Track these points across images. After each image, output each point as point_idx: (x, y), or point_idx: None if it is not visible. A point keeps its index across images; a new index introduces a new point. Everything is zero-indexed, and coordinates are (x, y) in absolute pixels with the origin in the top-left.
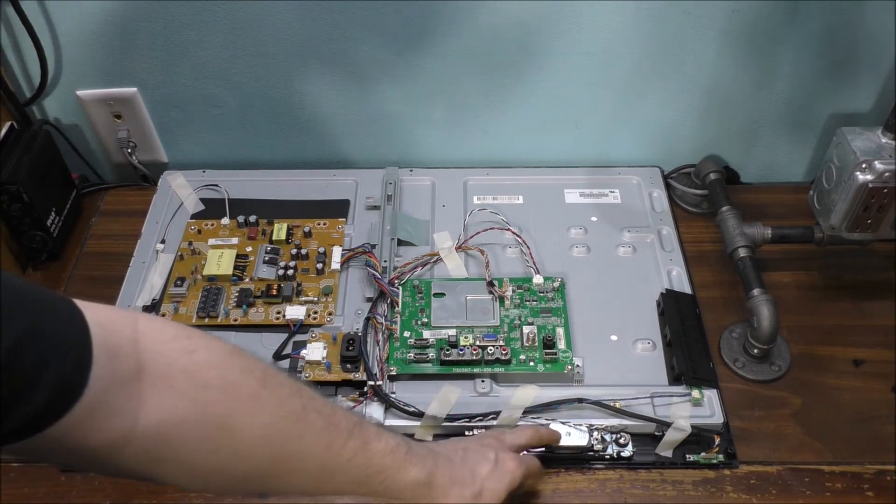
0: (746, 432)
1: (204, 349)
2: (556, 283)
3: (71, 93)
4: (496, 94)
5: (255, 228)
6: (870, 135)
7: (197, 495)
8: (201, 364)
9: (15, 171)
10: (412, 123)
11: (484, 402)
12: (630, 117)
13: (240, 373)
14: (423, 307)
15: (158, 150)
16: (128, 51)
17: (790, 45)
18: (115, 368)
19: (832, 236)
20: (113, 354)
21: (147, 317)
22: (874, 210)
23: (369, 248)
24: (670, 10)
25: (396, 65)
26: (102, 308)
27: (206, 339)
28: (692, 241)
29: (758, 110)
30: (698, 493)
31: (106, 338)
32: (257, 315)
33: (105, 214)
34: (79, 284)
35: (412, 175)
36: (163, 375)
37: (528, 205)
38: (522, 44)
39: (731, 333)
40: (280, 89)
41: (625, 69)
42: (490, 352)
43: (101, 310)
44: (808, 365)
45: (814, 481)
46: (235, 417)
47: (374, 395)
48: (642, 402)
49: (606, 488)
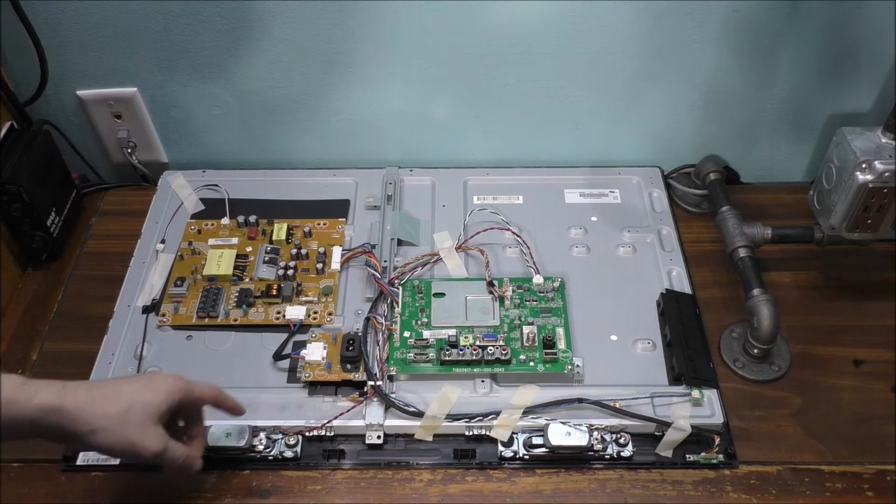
0: (746, 432)
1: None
2: (555, 283)
3: (71, 93)
4: (496, 94)
5: (255, 228)
6: (870, 135)
7: (197, 495)
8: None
9: (15, 171)
10: (412, 123)
11: (484, 402)
12: (630, 117)
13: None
14: (423, 307)
15: (158, 150)
16: (128, 51)
17: (790, 45)
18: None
19: (832, 236)
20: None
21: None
22: (874, 210)
23: (369, 248)
24: (670, 10)
25: (396, 65)
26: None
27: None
28: (692, 241)
29: (758, 110)
30: (698, 493)
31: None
32: (257, 315)
33: (105, 214)
34: (79, 284)
35: (412, 175)
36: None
37: (528, 205)
38: (522, 44)
39: (731, 333)
40: (280, 89)
41: (625, 69)
42: (490, 352)
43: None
44: (808, 365)
45: (814, 481)
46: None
47: (374, 395)
48: (642, 402)
49: (606, 488)
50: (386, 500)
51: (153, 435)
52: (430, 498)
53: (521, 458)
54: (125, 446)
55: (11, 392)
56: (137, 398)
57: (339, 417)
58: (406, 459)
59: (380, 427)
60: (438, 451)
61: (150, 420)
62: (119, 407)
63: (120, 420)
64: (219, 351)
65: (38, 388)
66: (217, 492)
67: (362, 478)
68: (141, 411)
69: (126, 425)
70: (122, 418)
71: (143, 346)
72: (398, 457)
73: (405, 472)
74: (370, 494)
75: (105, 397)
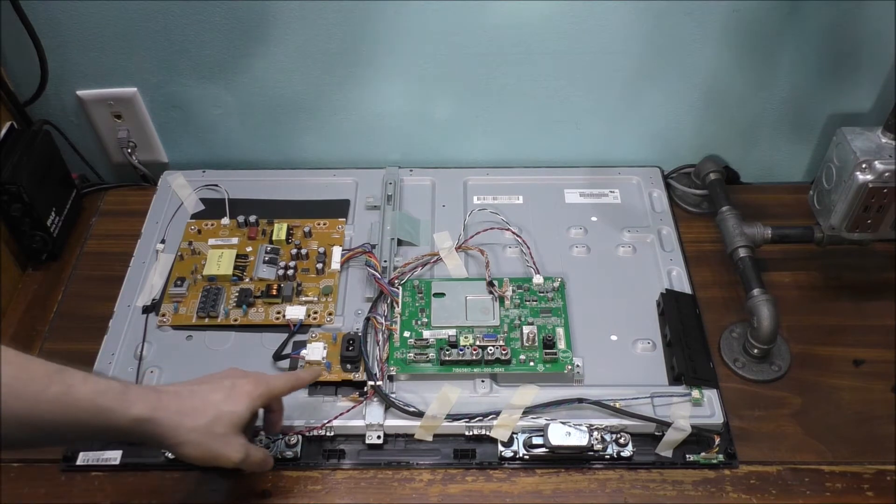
0: (746, 432)
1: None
2: (555, 283)
3: (71, 93)
4: (496, 94)
5: (255, 228)
6: (870, 135)
7: (197, 495)
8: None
9: (15, 171)
10: (412, 123)
11: (484, 402)
12: (630, 117)
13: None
14: (423, 307)
15: (158, 150)
16: (128, 51)
17: (790, 45)
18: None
19: (832, 236)
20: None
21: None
22: (874, 210)
23: (369, 248)
24: (670, 10)
25: (396, 65)
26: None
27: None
28: (692, 241)
29: (758, 110)
30: (698, 493)
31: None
32: (257, 315)
33: (105, 214)
34: (79, 284)
35: (412, 175)
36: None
37: (528, 205)
38: (522, 44)
39: (731, 333)
40: (280, 89)
41: (625, 69)
42: (490, 352)
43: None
44: (808, 365)
45: (814, 481)
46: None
47: (374, 395)
48: (642, 402)
49: (606, 488)
50: (386, 500)
51: (235, 445)
52: (430, 498)
53: (521, 458)
54: (209, 457)
55: (111, 401)
56: (223, 409)
57: (339, 417)
58: (406, 459)
59: (380, 427)
60: (438, 451)
61: (232, 431)
62: (205, 419)
63: (205, 433)
64: (219, 351)
65: (136, 398)
66: (217, 492)
67: (362, 478)
68: (226, 423)
69: (211, 437)
70: (207, 431)
71: (143, 346)
72: (398, 457)
73: (405, 472)
74: (370, 494)
75: (193, 409)
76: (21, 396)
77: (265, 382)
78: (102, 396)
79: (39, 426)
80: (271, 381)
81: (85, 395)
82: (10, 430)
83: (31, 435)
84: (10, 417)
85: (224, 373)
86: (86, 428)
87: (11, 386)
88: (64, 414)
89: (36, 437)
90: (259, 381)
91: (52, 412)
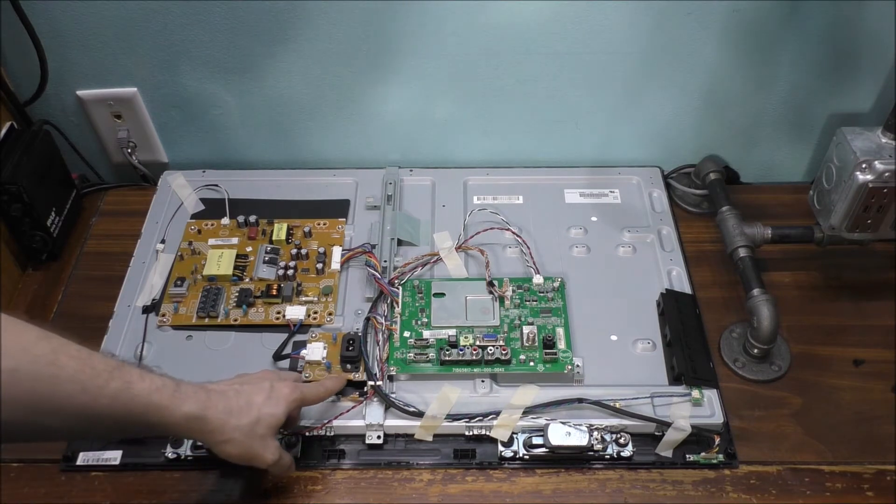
0: (746, 432)
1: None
2: (555, 283)
3: (71, 93)
4: (496, 94)
5: (255, 228)
6: (870, 135)
7: (197, 495)
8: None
9: (15, 171)
10: (412, 123)
11: (484, 402)
12: (630, 117)
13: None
14: (423, 307)
15: (158, 150)
16: (128, 51)
17: (790, 45)
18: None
19: (832, 236)
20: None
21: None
22: (874, 210)
23: (369, 248)
24: (670, 10)
25: (396, 65)
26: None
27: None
28: (692, 241)
29: (758, 110)
30: (698, 493)
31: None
32: (257, 315)
33: (105, 214)
34: (79, 284)
35: (412, 175)
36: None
37: (528, 205)
38: (523, 44)
39: (731, 333)
40: (280, 89)
41: (625, 69)
42: (490, 352)
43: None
44: (808, 365)
45: (814, 481)
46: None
47: (374, 395)
48: (642, 402)
49: (606, 488)
50: (386, 500)
51: (271, 446)
52: (430, 498)
53: (521, 458)
54: (247, 456)
55: (165, 398)
56: (265, 411)
57: (339, 417)
58: (406, 459)
59: (380, 427)
60: (438, 451)
61: (270, 433)
62: (248, 420)
63: (248, 432)
64: (219, 351)
65: (187, 396)
66: (217, 492)
67: (362, 478)
68: (265, 425)
69: (252, 437)
70: (250, 431)
71: (143, 347)
72: (398, 457)
73: (405, 472)
74: (370, 494)
75: (239, 408)
76: (86, 390)
77: (300, 389)
78: (157, 393)
79: (98, 420)
80: (305, 389)
81: (141, 392)
82: (70, 422)
83: (87, 428)
84: (74, 409)
85: (261, 374)
86: (139, 422)
87: (77, 379)
88: (122, 408)
89: (90, 430)
90: (295, 386)
91: (111, 406)
